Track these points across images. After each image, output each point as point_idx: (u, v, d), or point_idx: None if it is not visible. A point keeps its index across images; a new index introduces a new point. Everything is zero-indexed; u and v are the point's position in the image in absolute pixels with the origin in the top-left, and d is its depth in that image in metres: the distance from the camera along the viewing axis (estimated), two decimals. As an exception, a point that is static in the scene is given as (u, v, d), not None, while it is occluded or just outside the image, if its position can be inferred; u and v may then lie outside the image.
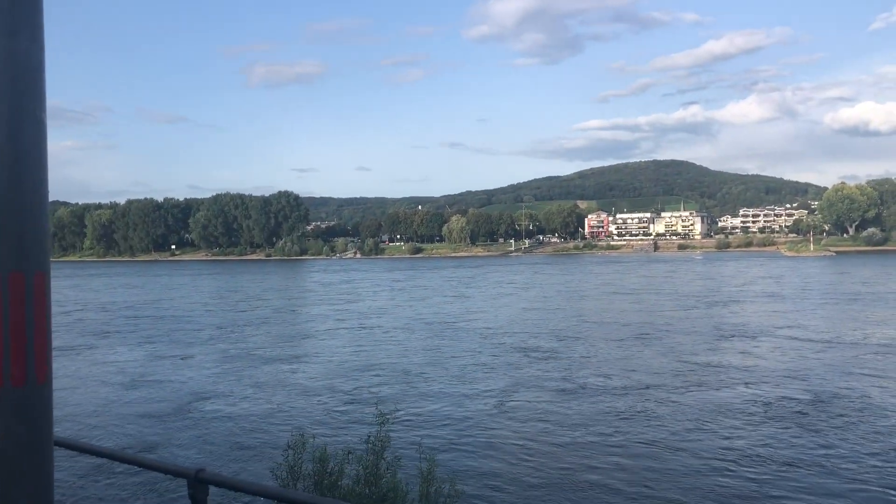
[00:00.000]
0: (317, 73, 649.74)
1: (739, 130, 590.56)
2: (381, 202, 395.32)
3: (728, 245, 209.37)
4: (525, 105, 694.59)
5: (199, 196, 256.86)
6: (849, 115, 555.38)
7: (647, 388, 26.34)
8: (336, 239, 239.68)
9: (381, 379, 29.27)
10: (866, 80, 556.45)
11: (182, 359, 34.87)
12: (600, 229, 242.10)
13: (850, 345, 34.53)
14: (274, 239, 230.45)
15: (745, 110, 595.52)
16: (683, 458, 18.11)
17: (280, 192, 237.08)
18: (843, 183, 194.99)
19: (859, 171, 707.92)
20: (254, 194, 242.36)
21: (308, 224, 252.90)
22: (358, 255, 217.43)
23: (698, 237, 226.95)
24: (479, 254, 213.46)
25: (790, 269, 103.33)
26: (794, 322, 43.80)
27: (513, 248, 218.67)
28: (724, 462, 17.78)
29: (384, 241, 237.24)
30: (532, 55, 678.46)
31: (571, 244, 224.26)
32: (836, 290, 66.87)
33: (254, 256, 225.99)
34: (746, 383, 26.68)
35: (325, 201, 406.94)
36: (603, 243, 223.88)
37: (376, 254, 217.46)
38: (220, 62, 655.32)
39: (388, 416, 10.77)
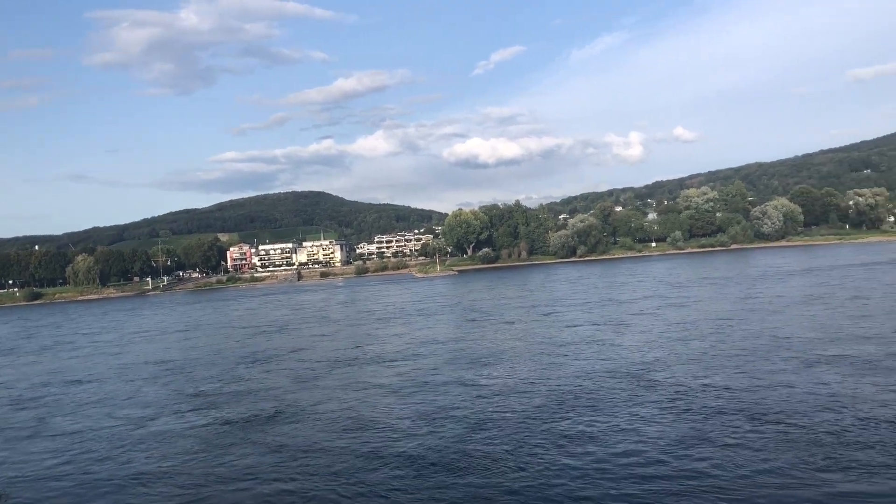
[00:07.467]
0: None
1: (370, 163, 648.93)
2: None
3: (367, 270, 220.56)
4: (158, 136, 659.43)
5: None
6: (462, 149, 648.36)
7: (144, 421, 29.97)
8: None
9: None
10: (474, 119, 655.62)
11: None
12: (244, 262, 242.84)
13: (363, 360, 42.56)
14: None
15: (374, 144, 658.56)
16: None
17: None
18: (460, 209, 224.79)
19: (473, 198, 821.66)
20: None
21: None
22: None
23: (339, 264, 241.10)
24: (112, 295, 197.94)
25: (399, 291, 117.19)
26: (312, 344, 51.66)
27: (150, 287, 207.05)
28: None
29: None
30: (162, 85, 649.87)
31: (214, 279, 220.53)
32: (405, 309, 78.82)
33: None
34: (224, 405, 31.90)
35: None
36: (247, 276, 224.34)
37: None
38: None
39: None
